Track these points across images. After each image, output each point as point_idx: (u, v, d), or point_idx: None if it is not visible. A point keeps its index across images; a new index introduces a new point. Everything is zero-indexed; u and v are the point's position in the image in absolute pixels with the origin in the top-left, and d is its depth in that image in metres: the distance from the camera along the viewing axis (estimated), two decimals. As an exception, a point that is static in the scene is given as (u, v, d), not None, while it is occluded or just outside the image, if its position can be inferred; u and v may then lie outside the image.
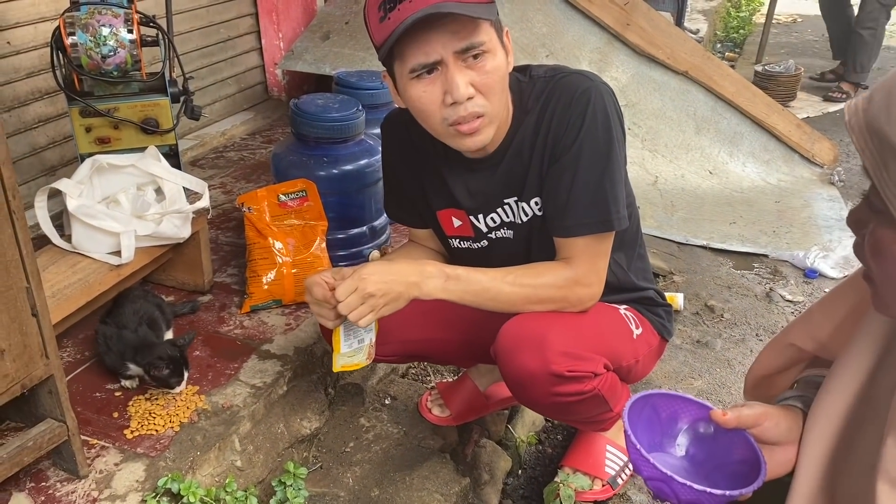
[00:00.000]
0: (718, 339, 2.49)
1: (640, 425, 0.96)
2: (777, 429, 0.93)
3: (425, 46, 1.23)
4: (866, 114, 0.71)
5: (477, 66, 1.26)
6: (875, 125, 0.70)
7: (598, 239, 1.41)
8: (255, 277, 2.03)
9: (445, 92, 1.26)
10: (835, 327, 0.98)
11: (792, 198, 3.56)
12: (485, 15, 1.23)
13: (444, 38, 1.22)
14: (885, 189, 0.70)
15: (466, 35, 1.23)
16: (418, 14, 1.18)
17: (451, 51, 1.24)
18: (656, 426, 0.99)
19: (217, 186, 2.92)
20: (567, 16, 3.76)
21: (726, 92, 3.79)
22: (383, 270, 1.34)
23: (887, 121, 0.69)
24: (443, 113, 1.29)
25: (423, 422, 1.95)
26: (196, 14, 3.33)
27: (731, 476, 0.89)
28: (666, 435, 1.00)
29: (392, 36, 1.21)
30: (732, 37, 7.08)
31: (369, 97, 2.39)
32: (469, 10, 1.20)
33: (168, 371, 1.63)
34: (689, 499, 0.86)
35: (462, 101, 1.26)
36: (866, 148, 0.71)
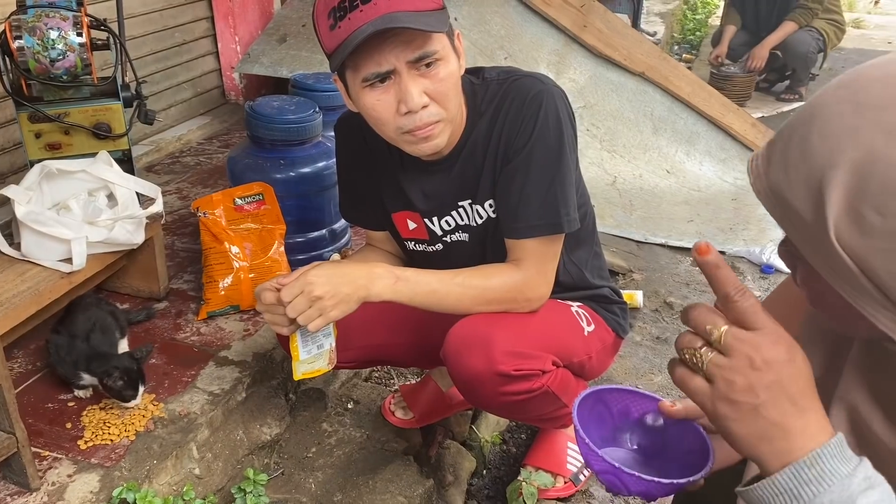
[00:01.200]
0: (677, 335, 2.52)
1: (591, 420, 0.96)
2: None
3: (378, 56, 1.22)
4: (768, 178, 0.70)
5: (430, 74, 1.26)
6: (777, 190, 0.69)
7: (548, 241, 1.42)
8: (212, 283, 2.00)
9: (400, 101, 1.25)
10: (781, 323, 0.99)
11: (748, 195, 3.62)
12: (437, 27, 1.22)
13: (397, 48, 1.22)
14: (801, 248, 0.69)
15: (419, 45, 1.23)
16: (368, 29, 1.17)
17: (404, 60, 1.23)
18: (608, 421, 1.00)
19: (173, 192, 2.88)
20: (524, 18, 3.78)
21: (682, 92, 3.85)
22: (331, 273, 1.33)
23: (787, 187, 0.68)
24: (397, 122, 1.28)
25: (387, 425, 1.94)
26: (150, 18, 3.28)
27: (682, 466, 0.89)
28: (618, 429, 1.00)
29: (344, 47, 1.20)
30: (689, 39, 7.19)
31: (326, 99, 2.38)
32: (422, 23, 1.19)
33: (122, 383, 1.58)
34: (639, 489, 0.87)
35: (417, 110, 1.26)
36: (774, 211, 0.70)
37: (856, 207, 0.64)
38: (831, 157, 0.65)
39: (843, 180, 0.64)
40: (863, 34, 7.86)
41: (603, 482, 0.91)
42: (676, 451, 0.94)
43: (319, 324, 1.31)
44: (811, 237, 0.68)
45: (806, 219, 0.67)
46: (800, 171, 0.67)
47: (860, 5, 9.56)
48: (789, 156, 0.69)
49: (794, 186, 0.68)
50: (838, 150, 0.65)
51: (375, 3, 1.18)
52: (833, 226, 0.65)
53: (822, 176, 0.65)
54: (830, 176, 0.65)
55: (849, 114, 0.65)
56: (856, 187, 0.63)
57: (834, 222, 0.65)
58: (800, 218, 0.68)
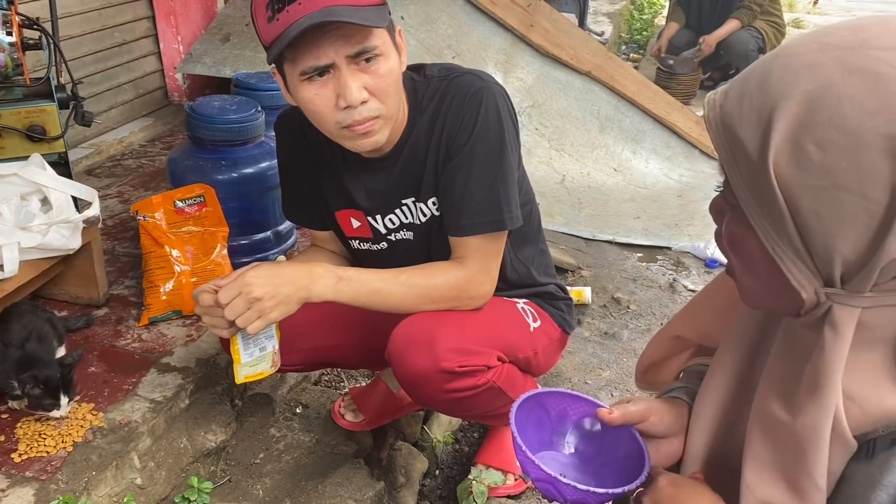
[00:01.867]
0: (625, 330, 2.55)
1: (530, 424, 0.96)
2: (662, 423, 0.95)
3: (316, 50, 1.21)
4: (722, 109, 0.71)
5: (370, 69, 1.25)
6: (728, 122, 0.70)
7: (491, 238, 1.42)
8: (153, 288, 1.95)
9: (338, 95, 1.24)
10: (715, 316, 1.01)
11: (693, 192, 3.69)
12: (376, 22, 1.21)
13: (337, 42, 1.20)
14: (736, 186, 0.70)
15: (359, 40, 1.21)
16: (306, 22, 1.16)
17: (343, 55, 1.22)
18: (546, 425, 1.00)
19: (114, 195, 2.80)
20: (472, 17, 3.79)
21: (628, 91, 3.90)
22: (270, 273, 1.30)
23: (738, 118, 0.69)
24: (336, 116, 1.27)
25: (336, 428, 1.92)
26: (88, 17, 3.19)
27: (619, 472, 0.90)
28: (556, 433, 1.01)
29: (281, 39, 1.18)
30: (636, 38, 7.30)
31: (270, 98, 2.34)
32: (360, 18, 1.18)
33: (40, 391, 1.52)
34: (574, 499, 0.87)
35: (356, 105, 1.24)
36: (720, 144, 0.71)
37: (798, 139, 0.64)
38: (787, 90, 0.66)
39: (793, 111, 0.64)
40: (802, 34, 8.06)
41: (539, 490, 0.91)
42: (613, 456, 0.95)
43: (259, 326, 1.29)
44: (749, 170, 0.68)
45: (749, 149, 0.68)
46: (754, 102, 0.68)
47: (800, 6, 9.84)
48: (747, 88, 0.69)
49: (746, 117, 0.68)
50: (795, 83, 0.65)
51: None
52: (773, 155, 0.65)
53: (775, 106, 0.66)
54: (782, 106, 0.65)
55: (814, 51, 0.66)
56: (803, 119, 0.64)
57: (775, 152, 0.65)
58: (744, 149, 0.68)
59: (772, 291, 0.73)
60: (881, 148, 0.61)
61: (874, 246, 0.63)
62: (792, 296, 0.70)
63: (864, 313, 0.67)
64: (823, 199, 0.63)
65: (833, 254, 0.65)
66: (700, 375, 1.00)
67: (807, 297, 0.69)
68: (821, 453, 0.70)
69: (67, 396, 1.56)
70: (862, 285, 0.66)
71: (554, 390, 1.00)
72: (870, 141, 0.61)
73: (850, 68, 0.63)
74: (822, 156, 0.63)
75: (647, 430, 0.94)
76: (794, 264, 0.68)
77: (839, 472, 0.72)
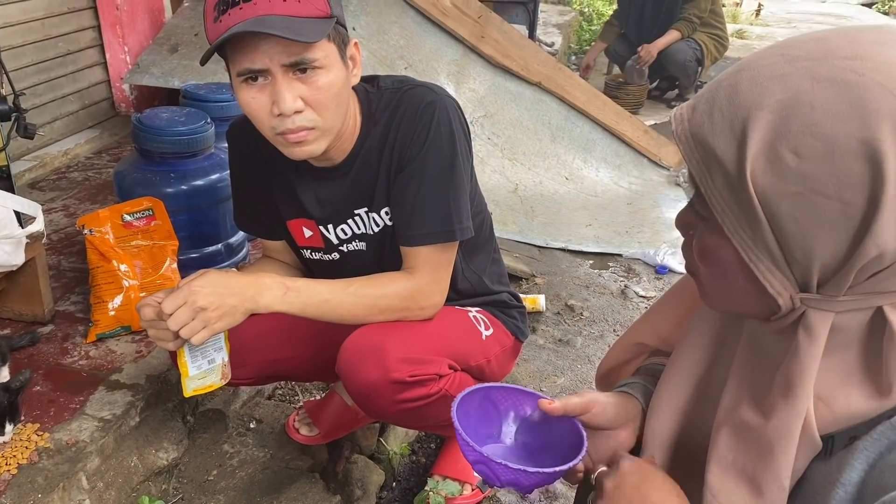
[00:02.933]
0: (579, 337, 2.58)
1: (478, 417, 0.98)
2: (604, 415, 0.97)
3: (252, 54, 1.21)
4: (691, 123, 0.72)
5: (308, 80, 1.25)
6: (699, 135, 0.71)
7: (441, 249, 1.42)
8: (101, 304, 1.90)
9: (273, 102, 1.24)
10: (675, 322, 1.03)
11: (642, 199, 3.76)
12: (311, 36, 1.19)
13: (273, 49, 1.20)
14: (711, 197, 0.71)
15: (296, 51, 1.21)
16: (238, 28, 1.16)
17: (279, 63, 1.22)
18: (495, 419, 1.01)
19: (59, 209, 2.74)
20: (423, 28, 3.80)
21: (578, 101, 3.96)
22: (216, 283, 1.29)
23: (710, 131, 0.70)
24: (271, 122, 1.27)
25: (291, 443, 1.90)
26: (30, 27, 3.12)
27: (558, 459, 0.92)
28: (503, 427, 1.02)
29: (217, 41, 1.19)
30: (585, 49, 7.41)
31: (219, 109, 2.32)
32: (293, 31, 1.17)
33: None
34: (508, 479, 0.89)
35: (289, 113, 1.24)
36: (692, 157, 0.72)
37: (775, 147, 0.66)
38: (758, 100, 0.67)
39: (767, 120, 0.66)
40: (745, 44, 8.31)
41: (477, 473, 0.92)
42: (557, 447, 0.96)
43: (203, 336, 1.27)
44: (726, 181, 0.69)
45: (724, 160, 0.69)
46: (725, 114, 0.69)
47: (742, 17, 10.13)
48: (716, 102, 0.70)
49: (718, 129, 0.69)
50: (767, 93, 0.67)
51: (255, 3, 1.17)
52: (750, 165, 0.67)
53: (748, 116, 0.67)
54: (755, 116, 0.67)
55: (780, 63, 0.68)
56: (778, 127, 0.65)
57: (751, 162, 0.66)
58: (718, 161, 0.69)
59: (745, 298, 0.74)
60: (856, 152, 0.63)
61: (852, 248, 0.65)
62: (766, 302, 0.72)
63: (837, 317, 0.69)
64: (802, 204, 0.65)
65: (812, 258, 0.67)
66: (654, 373, 1.02)
67: (783, 303, 0.71)
68: (789, 455, 0.72)
69: (12, 423, 1.51)
70: (837, 289, 0.67)
71: (502, 385, 1.02)
72: (844, 146, 0.63)
73: (818, 77, 0.65)
74: (798, 162, 0.64)
75: (590, 422, 0.96)
76: (771, 272, 0.70)
77: (802, 471, 0.74)
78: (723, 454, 0.78)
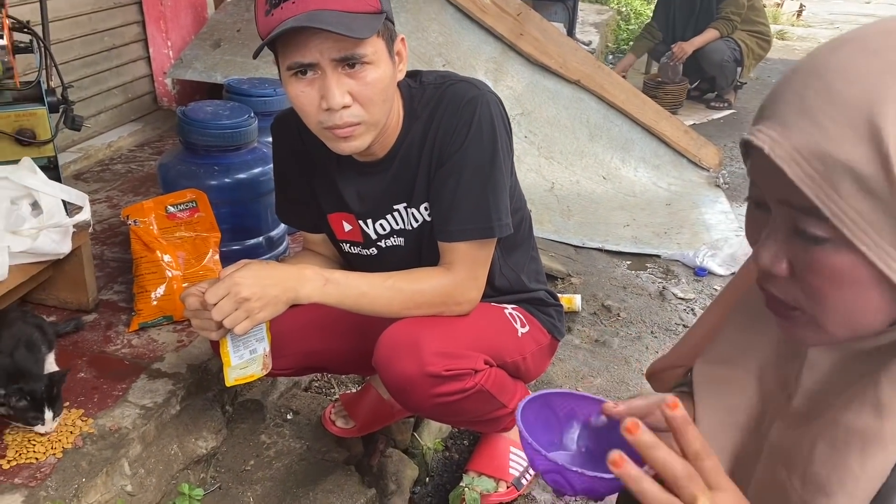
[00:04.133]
0: (615, 338, 2.56)
1: (538, 425, 0.95)
2: None
3: (303, 48, 1.22)
4: (791, 140, 0.67)
5: (357, 75, 1.25)
6: (811, 147, 0.65)
7: (479, 245, 1.42)
8: (144, 293, 1.94)
9: (322, 97, 1.25)
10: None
11: (681, 200, 3.71)
12: (362, 32, 1.20)
13: (324, 44, 1.21)
14: (839, 213, 0.65)
15: (347, 46, 1.22)
16: (292, 22, 1.17)
17: (329, 58, 1.22)
18: (555, 425, 0.99)
19: (103, 200, 2.79)
20: (462, 26, 3.80)
21: (617, 100, 3.93)
22: (258, 274, 1.30)
23: (827, 139, 0.65)
24: (319, 116, 1.28)
25: (327, 435, 1.91)
26: (77, 21, 3.18)
27: None
28: (565, 433, 1.00)
29: (270, 35, 1.20)
30: (623, 48, 7.35)
31: (262, 104, 2.34)
32: (344, 27, 1.18)
33: (25, 404, 1.49)
34: (583, 486, 0.87)
35: (337, 108, 1.25)
36: (805, 173, 0.66)
37: None
38: (873, 95, 0.63)
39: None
40: (786, 45, 8.18)
41: (548, 483, 0.91)
42: None
43: (246, 326, 1.28)
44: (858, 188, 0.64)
45: (855, 165, 0.64)
46: (836, 118, 0.64)
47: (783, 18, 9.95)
48: (814, 110, 0.66)
49: (837, 135, 0.64)
50: (880, 86, 0.63)
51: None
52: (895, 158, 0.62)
53: (871, 113, 0.63)
54: (882, 111, 0.63)
55: (869, 56, 0.65)
56: None
57: None
58: (845, 168, 0.64)
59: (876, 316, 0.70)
60: None
61: None
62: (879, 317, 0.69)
63: None
64: None
65: None
66: None
67: None
68: None
69: (52, 412, 1.54)
70: None
71: (561, 391, 1.00)
72: None
73: None
74: None
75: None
76: None
77: None
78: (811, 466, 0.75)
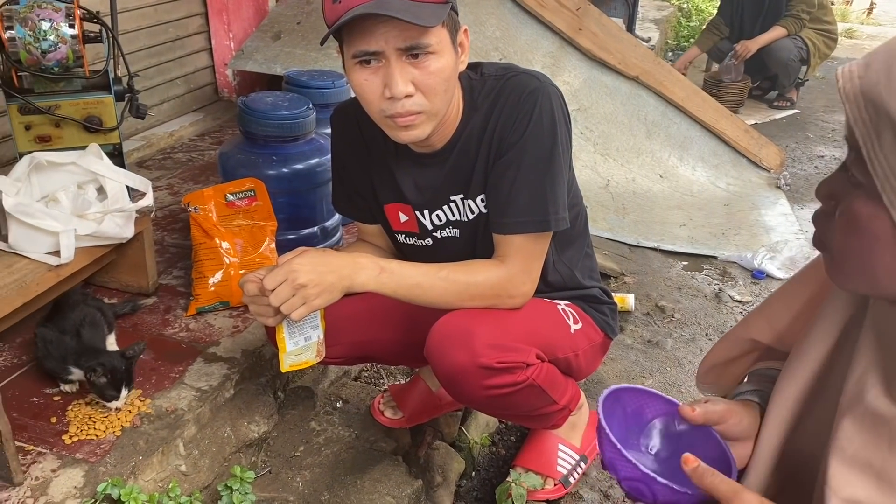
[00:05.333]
0: (669, 339, 2.51)
1: (613, 423, 0.93)
2: (740, 425, 0.93)
3: (369, 37, 1.22)
4: (863, 81, 0.68)
5: (421, 64, 1.26)
6: (871, 93, 0.67)
7: (535, 238, 1.41)
8: (202, 279, 1.98)
9: (385, 85, 1.26)
10: (793, 317, 0.98)
11: (740, 201, 3.63)
12: (429, 21, 1.21)
13: (390, 32, 1.22)
14: (875, 161, 0.67)
15: (413, 35, 1.22)
16: (360, 10, 1.18)
17: (394, 47, 1.23)
18: (622, 422, 0.97)
19: (164, 187, 2.86)
20: (520, 20, 3.78)
21: (676, 97, 3.85)
22: (315, 261, 1.32)
23: (887, 91, 0.65)
24: (381, 105, 1.29)
25: (376, 425, 1.93)
26: (143, 13, 3.26)
27: None
28: (631, 431, 0.98)
29: (338, 22, 1.21)
30: (683, 45, 7.21)
31: (320, 96, 2.37)
32: (413, 15, 1.19)
33: (105, 381, 1.55)
34: (667, 499, 0.84)
35: (400, 97, 1.26)
36: (859, 116, 0.68)
37: None
38: None
39: None
40: (855, 44, 7.91)
41: (625, 489, 0.87)
42: None
43: (303, 312, 1.30)
44: None
45: None
46: None
47: (853, 16, 9.63)
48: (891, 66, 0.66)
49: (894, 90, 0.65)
50: None
51: None
52: None
53: None
54: None
55: None
56: None
57: None
58: (891, 122, 0.65)
59: (886, 276, 0.70)
60: None
61: None
62: None
63: None
64: None
65: None
66: (770, 379, 0.98)
67: None
68: None
69: (127, 389, 1.60)
70: None
71: (631, 387, 0.97)
72: None
73: None
74: None
75: (725, 433, 0.92)
76: None
77: None
78: (843, 446, 0.73)
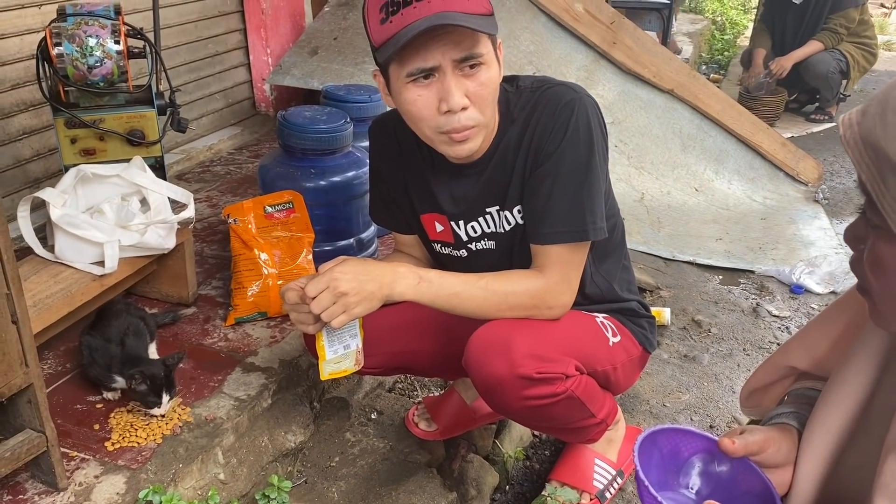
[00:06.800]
0: (706, 354, 2.48)
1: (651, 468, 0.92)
2: (779, 453, 0.92)
3: (425, 52, 1.23)
4: (861, 127, 0.70)
5: (473, 76, 1.27)
6: (871, 138, 0.68)
7: (573, 249, 1.41)
8: (240, 289, 2.01)
9: (441, 99, 1.27)
10: (831, 344, 0.97)
11: (777, 215, 3.58)
12: (487, 28, 1.23)
13: (446, 46, 1.23)
14: (883, 203, 0.68)
15: (468, 46, 1.24)
16: (424, 24, 1.18)
17: (450, 59, 1.24)
18: (660, 464, 0.96)
19: (203, 200, 2.91)
20: (554, 34, 3.78)
21: (712, 110, 3.82)
22: (356, 269, 1.33)
23: (883, 134, 0.67)
24: (437, 121, 1.29)
25: (410, 436, 1.93)
26: (184, 29, 3.34)
27: None
28: (669, 472, 0.96)
29: (395, 40, 1.21)
30: (717, 59, 7.16)
31: (357, 110, 2.39)
32: (473, 23, 1.21)
33: (145, 388, 1.58)
34: None
35: (457, 110, 1.27)
36: (862, 161, 0.69)
37: None
38: None
39: None
40: (892, 56, 7.78)
41: None
42: (731, 492, 0.90)
43: (343, 320, 1.32)
44: None
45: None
46: None
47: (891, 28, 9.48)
48: (888, 104, 0.68)
49: (892, 132, 0.67)
50: None
51: (429, 1, 1.20)
52: None
53: None
54: None
55: None
56: None
57: None
58: (891, 165, 0.67)
59: None
60: None
61: None
62: None
63: None
64: None
65: None
66: (808, 400, 0.96)
67: None
68: None
69: (168, 396, 1.62)
70: None
71: (665, 427, 0.97)
72: None
73: None
74: None
75: (765, 462, 0.91)
76: None
77: None
78: (888, 482, 0.73)
